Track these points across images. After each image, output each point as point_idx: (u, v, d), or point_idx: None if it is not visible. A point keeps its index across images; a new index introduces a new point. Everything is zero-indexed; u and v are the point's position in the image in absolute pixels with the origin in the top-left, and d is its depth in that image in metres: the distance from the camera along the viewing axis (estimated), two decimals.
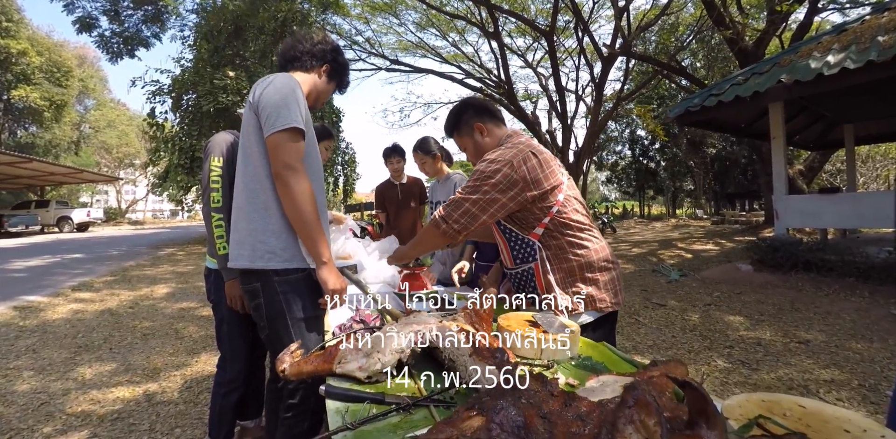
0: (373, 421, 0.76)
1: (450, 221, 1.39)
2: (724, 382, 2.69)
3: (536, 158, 1.39)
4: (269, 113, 1.26)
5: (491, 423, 0.53)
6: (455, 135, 1.63)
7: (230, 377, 1.84)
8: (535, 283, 1.48)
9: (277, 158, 1.25)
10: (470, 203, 1.37)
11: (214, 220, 1.69)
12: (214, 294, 1.84)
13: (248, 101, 1.36)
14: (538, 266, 1.46)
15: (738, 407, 0.78)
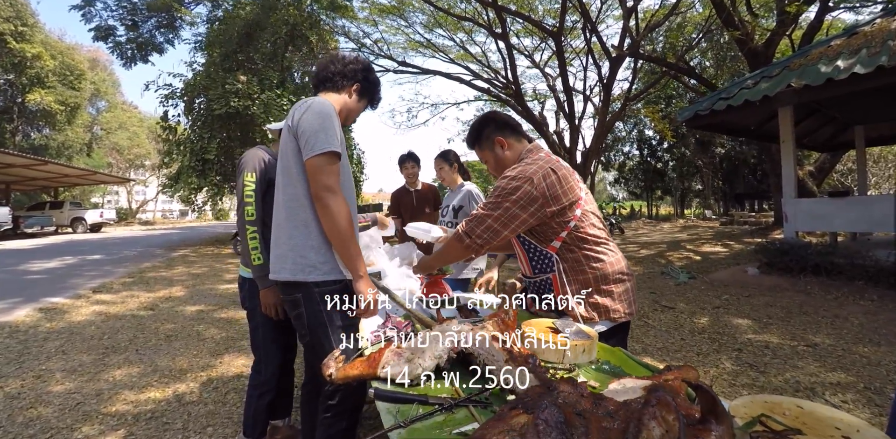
0: (421, 420, 0.86)
1: (473, 236, 1.47)
2: (732, 384, 2.76)
3: (556, 174, 1.46)
4: (309, 137, 1.36)
5: (537, 420, 0.63)
6: (476, 148, 1.71)
7: (264, 379, 1.95)
8: (550, 292, 1.57)
9: (317, 180, 1.35)
10: (492, 219, 1.45)
11: (249, 233, 1.80)
12: (249, 301, 1.94)
13: (287, 125, 1.45)
14: (556, 277, 1.54)
15: (743, 406, 0.87)
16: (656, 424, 0.57)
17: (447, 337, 1.07)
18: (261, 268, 1.77)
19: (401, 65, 16.12)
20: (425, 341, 1.07)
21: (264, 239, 1.80)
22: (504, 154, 1.63)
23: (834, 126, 8.39)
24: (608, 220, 14.42)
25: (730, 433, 0.63)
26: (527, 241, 1.60)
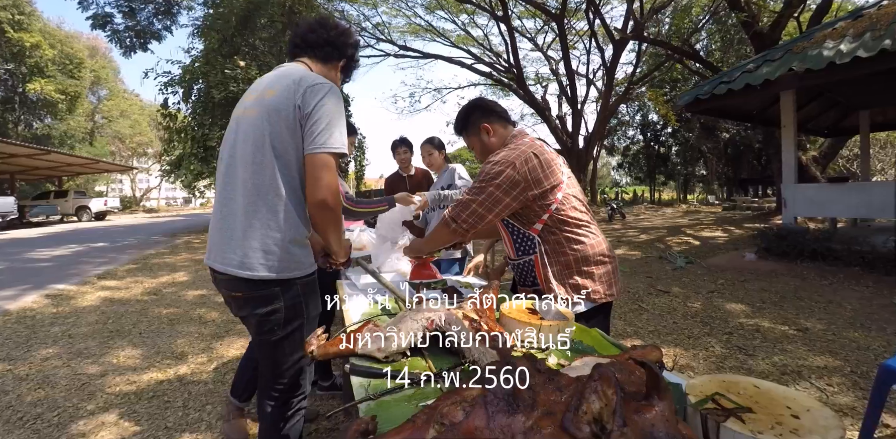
0: (391, 393, 0.91)
1: (458, 221, 1.52)
2: (719, 367, 2.82)
3: (538, 159, 1.50)
4: (325, 129, 1.23)
5: (486, 391, 0.68)
6: (463, 135, 1.75)
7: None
8: (535, 274, 1.61)
9: (324, 180, 1.22)
10: (476, 204, 1.49)
11: None
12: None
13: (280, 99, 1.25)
14: (538, 258, 1.58)
15: (699, 385, 0.91)
16: (596, 398, 0.61)
17: (423, 316, 1.11)
18: None
19: (402, 49, 15.96)
20: (402, 320, 1.12)
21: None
22: (490, 140, 1.66)
23: (838, 110, 8.29)
24: (609, 206, 14.41)
25: (671, 409, 0.67)
26: (510, 224, 1.64)
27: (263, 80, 1.38)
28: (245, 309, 1.32)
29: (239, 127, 1.31)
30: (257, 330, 1.34)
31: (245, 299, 1.30)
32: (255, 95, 1.32)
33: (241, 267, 1.26)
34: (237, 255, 1.26)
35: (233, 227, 1.27)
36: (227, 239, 1.27)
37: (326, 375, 2.60)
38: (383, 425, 0.81)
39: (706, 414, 0.75)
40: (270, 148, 1.25)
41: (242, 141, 1.28)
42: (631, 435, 0.59)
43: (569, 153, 16.22)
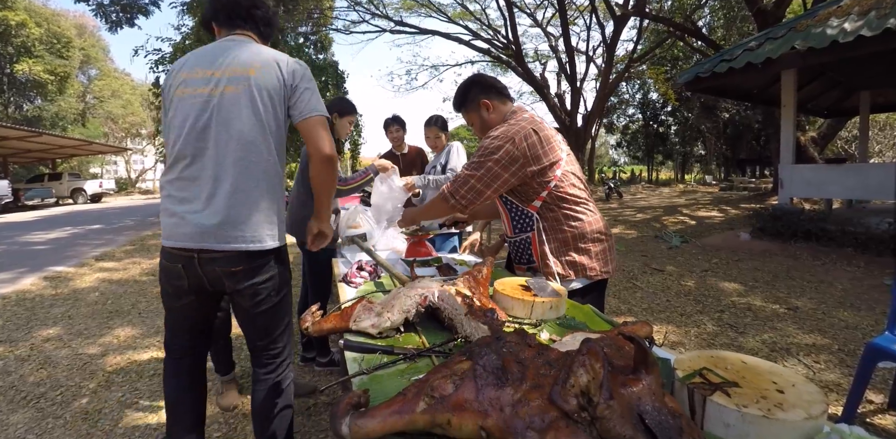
0: (384, 368, 0.93)
1: (457, 197, 1.51)
2: (710, 344, 2.87)
3: (537, 135, 1.48)
4: (311, 98, 1.35)
5: (476, 365, 0.69)
6: (462, 111, 1.72)
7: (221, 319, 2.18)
8: (531, 251, 1.61)
9: (327, 137, 1.34)
10: (475, 179, 1.48)
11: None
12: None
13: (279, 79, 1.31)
14: (535, 235, 1.58)
15: (688, 360, 0.92)
16: (584, 371, 0.61)
17: (416, 293, 1.13)
18: None
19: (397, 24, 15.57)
20: (396, 296, 1.13)
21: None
22: (489, 116, 1.65)
23: (839, 91, 8.20)
24: (606, 185, 14.39)
25: (657, 382, 0.68)
26: (509, 201, 1.64)
27: (219, 53, 1.33)
28: (243, 281, 1.33)
29: (218, 104, 1.28)
30: (252, 302, 1.36)
31: (245, 271, 1.32)
32: (222, 71, 1.30)
33: (251, 240, 1.29)
34: (246, 231, 1.29)
35: (233, 206, 1.28)
36: (229, 217, 1.27)
37: (324, 351, 2.65)
38: (376, 398, 0.83)
39: (693, 388, 0.76)
40: (264, 125, 1.30)
41: (228, 120, 1.28)
42: (617, 407, 0.60)
43: (567, 131, 16.08)
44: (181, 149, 1.30)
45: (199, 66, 1.32)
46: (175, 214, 1.30)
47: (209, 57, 1.34)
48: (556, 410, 0.61)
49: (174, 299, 1.40)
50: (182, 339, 1.46)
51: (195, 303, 1.40)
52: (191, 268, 1.32)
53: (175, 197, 1.31)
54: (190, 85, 1.31)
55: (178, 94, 1.32)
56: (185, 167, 1.30)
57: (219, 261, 1.31)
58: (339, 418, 0.68)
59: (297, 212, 2.46)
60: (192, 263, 1.31)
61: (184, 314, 1.43)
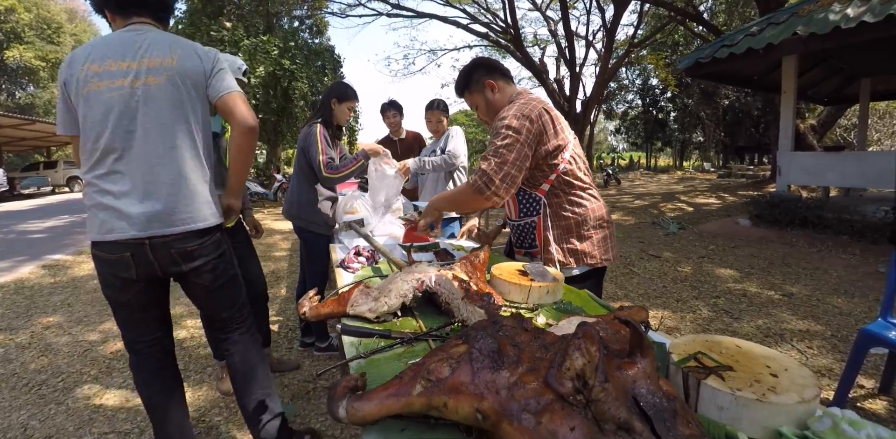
0: (381, 352, 0.93)
1: (493, 188, 1.37)
2: (705, 329, 2.90)
3: (549, 114, 1.45)
4: (226, 78, 1.42)
5: (472, 348, 0.69)
6: (466, 94, 1.66)
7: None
8: (534, 236, 1.60)
9: (247, 109, 1.40)
10: (509, 165, 1.37)
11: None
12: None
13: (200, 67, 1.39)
14: (540, 220, 1.56)
15: (683, 344, 0.92)
16: (579, 355, 0.62)
17: (413, 278, 1.13)
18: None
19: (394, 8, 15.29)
20: (393, 281, 1.14)
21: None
22: (495, 97, 1.59)
23: (840, 78, 8.13)
24: (605, 171, 14.36)
25: (652, 366, 0.68)
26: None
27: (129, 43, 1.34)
28: (199, 259, 1.40)
29: (143, 96, 1.31)
30: (213, 276, 1.45)
31: (199, 249, 1.39)
32: (142, 62, 1.32)
33: (198, 220, 1.38)
34: (188, 212, 1.36)
35: (172, 193, 1.33)
36: (172, 203, 1.33)
37: (323, 337, 2.67)
38: (373, 382, 0.83)
39: (688, 372, 0.77)
40: (190, 112, 1.37)
41: (155, 110, 1.32)
42: (612, 390, 0.60)
43: (566, 117, 15.90)
44: (108, 143, 1.30)
45: (111, 58, 1.31)
46: (112, 208, 1.30)
47: (118, 48, 1.33)
48: (552, 393, 0.61)
49: (122, 292, 1.39)
50: (143, 334, 1.46)
51: (144, 291, 1.41)
52: (141, 256, 1.33)
53: (110, 191, 1.31)
54: (105, 78, 1.30)
55: (92, 87, 1.30)
56: (115, 160, 1.31)
57: (172, 244, 1.35)
58: (336, 401, 0.69)
59: (297, 197, 2.45)
60: (142, 250, 1.32)
61: (137, 306, 1.43)
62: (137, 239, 1.31)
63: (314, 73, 11.61)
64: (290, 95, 11.34)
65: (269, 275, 4.41)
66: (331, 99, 2.40)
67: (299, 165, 2.42)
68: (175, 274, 1.40)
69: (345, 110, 2.44)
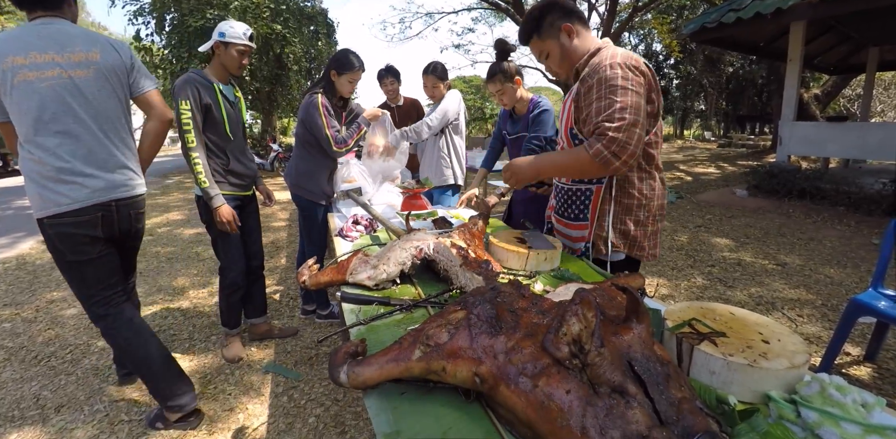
0: (381, 319, 0.95)
1: (624, 157, 1.13)
2: (699, 297, 2.96)
3: (650, 70, 1.25)
4: (147, 73, 1.70)
5: (470, 314, 0.70)
6: (535, 39, 1.38)
7: (229, 282, 2.26)
8: (587, 206, 1.40)
9: (164, 104, 1.72)
10: (640, 127, 1.14)
11: (192, 159, 1.98)
12: (204, 216, 2.16)
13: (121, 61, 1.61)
14: (600, 190, 1.36)
15: (678, 311, 0.94)
16: (576, 320, 0.63)
17: (412, 245, 1.13)
18: (208, 191, 2.01)
19: None
20: (391, 249, 1.14)
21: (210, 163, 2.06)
22: (572, 44, 1.33)
23: (848, 46, 7.91)
24: None
25: (647, 331, 0.70)
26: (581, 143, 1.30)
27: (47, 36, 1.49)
28: (141, 221, 1.77)
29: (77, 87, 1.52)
30: (138, 239, 1.83)
31: (143, 212, 1.77)
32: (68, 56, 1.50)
33: (141, 186, 1.73)
34: (135, 181, 1.69)
35: (119, 166, 1.64)
36: (121, 174, 1.64)
37: (324, 304, 2.71)
38: (373, 348, 0.85)
39: (682, 338, 0.78)
40: (118, 99, 1.63)
41: (91, 100, 1.55)
42: (608, 354, 0.62)
43: (566, 84, 15.65)
44: (53, 126, 1.50)
45: (34, 51, 1.46)
46: (69, 182, 1.53)
47: (36, 41, 1.47)
48: (548, 357, 0.63)
49: (91, 247, 1.61)
50: (114, 286, 1.70)
51: (107, 248, 1.68)
52: (108, 217, 1.61)
53: (64, 168, 1.52)
54: (34, 69, 1.46)
55: (22, 77, 1.45)
56: (60, 144, 1.51)
57: (131, 205, 1.68)
58: (337, 367, 0.70)
59: (295, 166, 2.43)
60: (110, 211, 1.61)
61: (105, 260, 1.67)
62: (104, 202, 1.58)
63: (308, 37, 11.21)
64: (284, 61, 11.00)
65: (268, 245, 4.44)
66: (330, 70, 2.31)
67: (298, 135, 2.38)
68: (126, 233, 1.70)
69: (345, 82, 2.31)
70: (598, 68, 1.21)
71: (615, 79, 1.16)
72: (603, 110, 1.16)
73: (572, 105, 1.32)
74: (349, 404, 1.95)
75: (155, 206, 7.05)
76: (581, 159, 1.18)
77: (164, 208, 6.83)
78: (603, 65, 1.20)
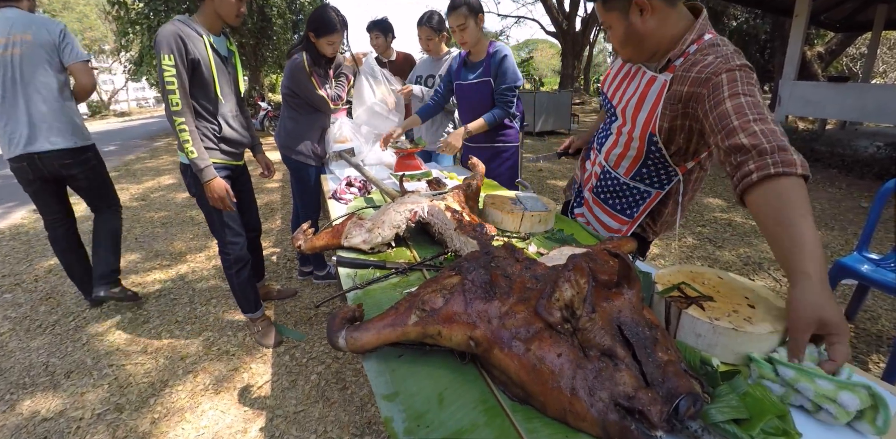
0: (377, 282, 0.96)
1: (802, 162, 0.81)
2: (689, 256, 3.02)
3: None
4: (75, 47, 2.13)
5: (465, 280, 0.71)
6: (601, 7, 1.10)
7: (235, 256, 2.01)
8: (637, 204, 1.30)
9: (90, 75, 2.18)
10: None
11: (178, 124, 1.70)
12: (195, 188, 1.88)
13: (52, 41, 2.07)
14: (658, 195, 1.26)
15: (668, 275, 0.96)
16: (569, 286, 0.64)
17: (406, 208, 1.13)
18: (198, 160, 1.74)
19: None
20: (385, 212, 1.14)
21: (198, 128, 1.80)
22: (646, 25, 1.04)
23: (855, 2, 7.60)
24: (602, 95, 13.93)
25: (638, 296, 0.71)
26: (657, 152, 1.17)
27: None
28: (74, 168, 2.21)
29: (14, 59, 2.02)
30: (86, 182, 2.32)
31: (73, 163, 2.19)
32: (8, 38, 2.01)
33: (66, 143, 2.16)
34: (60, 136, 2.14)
35: (47, 121, 2.10)
36: (45, 129, 2.10)
37: (321, 265, 2.75)
38: (370, 311, 0.87)
39: (670, 302, 0.80)
40: (48, 70, 2.08)
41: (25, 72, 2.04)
42: (598, 319, 0.64)
43: (564, 36, 15.12)
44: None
45: None
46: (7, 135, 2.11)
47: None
48: (541, 322, 0.64)
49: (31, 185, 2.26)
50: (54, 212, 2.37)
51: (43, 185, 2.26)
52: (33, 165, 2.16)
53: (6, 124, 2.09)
54: None
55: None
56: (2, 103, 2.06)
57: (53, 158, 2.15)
58: (335, 332, 0.72)
59: (283, 128, 2.37)
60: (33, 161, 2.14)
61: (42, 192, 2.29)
62: (30, 153, 2.09)
63: None
64: (267, 14, 10.46)
65: (262, 207, 4.42)
66: (308, 31, 2.15)
67: (285, 96, 2.30)
68: (59, 177, 2.23)
69: (325, 45, 2.15)
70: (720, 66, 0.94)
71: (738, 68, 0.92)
72: (756, 124, 0.85)
73: (657, 106, 1.08)
74: (349, 362, 2.02)
75: (145, 170, 6.93)
76: (791, 184, 0.79)
77: (154, 172, 6.72)
78: (727, 65, 0.93)
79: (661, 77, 1.07)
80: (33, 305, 2.67)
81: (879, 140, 5.32)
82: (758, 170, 0.80)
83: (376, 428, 1.65)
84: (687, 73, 1.00)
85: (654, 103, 1.09)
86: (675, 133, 1.08)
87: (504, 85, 2.10)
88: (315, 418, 1.71)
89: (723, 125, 0.89)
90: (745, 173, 0.82)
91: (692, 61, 1.00)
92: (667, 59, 1.07)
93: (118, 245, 2.48)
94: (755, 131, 0.83)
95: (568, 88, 13.59)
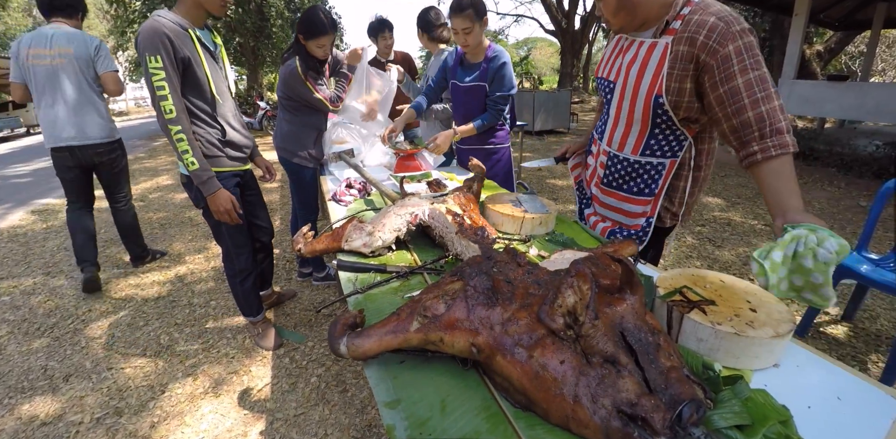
0: (377, 286, 0.96)
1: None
2: (689, 256, 3.02)
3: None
4: (106, 58, 2.59)
5: (467, 286, 0.71)
6: None
7: (240, 267, 1.97)
8: (654, 180, 1.25)
9: (118, 81, 2.65)
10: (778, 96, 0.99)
11: (173, 134, 1.55)
12: (203, 201, 1.76)
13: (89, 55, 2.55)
14: (674, 164, 1.21)
15: (670, 278, 0.96)
16: (571, 292, 0.64)
17: (407, 211, 1.13)
18: (197, 174, 1.61)
19: None
20: (386, 215, 1.14)
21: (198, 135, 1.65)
22: None
23: (855, 0, 7.61)
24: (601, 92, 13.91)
25: (640, 302, 0.71)
26: (665, 115, 1.15)
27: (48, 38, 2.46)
28: (105, 156, 2.73)
29: (58, 68, 2.48)
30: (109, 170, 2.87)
31: (104, 152, 2.71)
32: (54, 50, 2.46)
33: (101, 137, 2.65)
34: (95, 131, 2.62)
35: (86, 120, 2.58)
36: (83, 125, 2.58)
37: (320, 267, 2.75)
38: (371, 316, 0.87)
39: (672, 306, 0.80)
40: (85, 78, 2.55)
41: (66, 77, 2.50)
42: (601, 326, 0.63)
43: (563, 35, 15.12)
44: (46, 92, 2.51)
45: (39, 47, 2.44)
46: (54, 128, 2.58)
47: (43, 40, 2.45)
48: (543, 328, 0.64)
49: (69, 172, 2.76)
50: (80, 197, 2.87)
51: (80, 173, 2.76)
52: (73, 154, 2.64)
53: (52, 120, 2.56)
54: (38, 58, 2.44)
55: (30, 62, 2.44)
56: (49, 103, 2.52)
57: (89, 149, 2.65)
58: (336, 338, 0.72)
59: (279, 129, 2.36)
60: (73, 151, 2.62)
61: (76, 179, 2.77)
62: (71, 146, 2.56)
63: None
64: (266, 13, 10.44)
65: None
66: (298, 34, 2.09)
67: (281, 98, 2.29)
68: (91, 165, 2.71)
69: (315, 48, 2.08)
70: (726, 35, 0.97)
71: (748, 44, 0.96)
72: (763, 103, 0.97)
73: (662, 68, 1.08)
74: (349, 364, 2.02)
75: (143, 171, 6.91)
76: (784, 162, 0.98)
77: (152, 172, 6.71)
78: (731, 32, 0.97)
79: (662, 40, 1.09)
80: (32, 308, 2.66)
81: (878, 139, 5.33)
82: (761, 151, 0.98)
83: (377, 430, 1.65)
84: (694, 36, 1.02)
85: (658, 66, 1.10)
86: (683, 95, 1.09)
87: (499, 93, 2.08)
88: (315, 421, 1.71)
89: (733, 101, 1.00)
90: (750, 153, 1.00)
91: (695, 22, 1.02)
92: (664, 22, 1.09)
93: (138, 231, 3.16)
94: (762, 112, 0.98)
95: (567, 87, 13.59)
